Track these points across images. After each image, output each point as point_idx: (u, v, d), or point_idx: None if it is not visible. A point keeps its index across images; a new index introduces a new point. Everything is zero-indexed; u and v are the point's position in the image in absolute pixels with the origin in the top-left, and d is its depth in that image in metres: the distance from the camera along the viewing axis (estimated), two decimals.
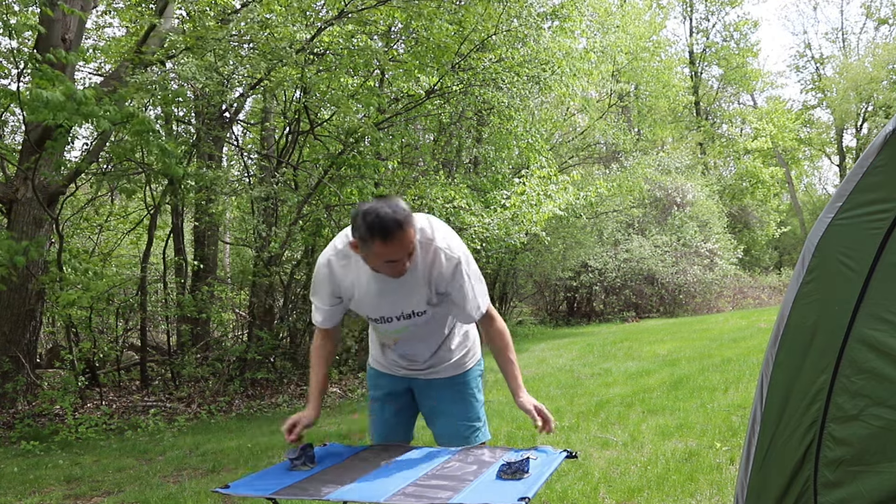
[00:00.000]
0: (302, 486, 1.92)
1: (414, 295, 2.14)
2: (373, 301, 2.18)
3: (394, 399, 2.47)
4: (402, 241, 1.91)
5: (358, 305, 2.22)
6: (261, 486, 1.96)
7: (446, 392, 2.40)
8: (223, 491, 1.93)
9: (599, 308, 17.03)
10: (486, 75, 7.72)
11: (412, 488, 1.84)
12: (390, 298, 2.16)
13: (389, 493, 1.79)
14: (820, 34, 54.30)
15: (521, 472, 1.91)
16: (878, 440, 2.02)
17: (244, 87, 8.00)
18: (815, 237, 2.13)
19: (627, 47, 16.18)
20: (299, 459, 2.11)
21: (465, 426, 2.42)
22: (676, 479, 3.56)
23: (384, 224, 1.87)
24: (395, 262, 1.97)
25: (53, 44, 6.36)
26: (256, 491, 1.94)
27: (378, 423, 2.51)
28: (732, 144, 25.27)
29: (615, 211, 15.98)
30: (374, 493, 1.82)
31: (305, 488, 1.89)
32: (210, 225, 9.13)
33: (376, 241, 1.90)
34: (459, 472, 1.98)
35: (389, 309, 2.19)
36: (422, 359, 2.35)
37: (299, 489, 1.90)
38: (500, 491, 1.80)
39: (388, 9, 7.60)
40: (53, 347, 8.75)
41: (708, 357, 7.88)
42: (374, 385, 2.52)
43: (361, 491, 1.85)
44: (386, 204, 1.91)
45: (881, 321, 2.01)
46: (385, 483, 1.90)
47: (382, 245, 1.90)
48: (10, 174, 7.23)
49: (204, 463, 4.71)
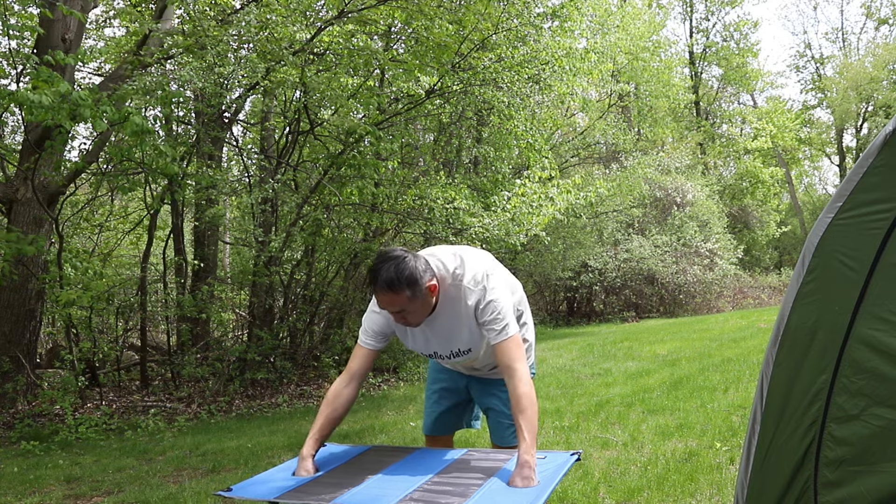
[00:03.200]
0: (305, 489, 1.90)
1: (461, 333, 2.26)
2: (420, 340, 2.34)
3: (449, 395, 2.63)
4: (391, 299, 2.07)
5: (410, 343, 2.38)
6: (263, 489, 1.94)
7: (499, 390, 2.48)
8: (226, 494, 1.91)
9: (599, 308, 17.03)
10: (486, 75, 7.71)
11: (419, 493, 1.81)
12: (438, 339, 2.31)
13: (396, 499, 1.77)
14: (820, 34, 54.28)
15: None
16: (878, 440, 2.02)
17: (243, 88, 8.00)
18: (815, 237, 2.13)
19: (627, 47, 16.18)
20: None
21: (509, 425, 2.47)
22: (676, 479, 3.56)
23: (376, 280, 2.07)
24: (394, 314, 2.14)
25: (53, 44, 6.36)
26: (259, 495, 1.92)
27: (430, 415, 2.66)
28: (732, 144, 25.26)
29: (615, 211, 15.98)
30: (380, 498, 1.79)
31: (309, 492, 1.87)
32: (210, 225, 9.13)
33: (374, 292, 2.12)
34: (467, 476, 1.95)
35: (440, 347, 2.34)
36: (480, 365, 2.47)
37: (303, 493, 1.87)
38: (511, 497, 1.77)
39: (388, 8, 7.60)
40: (53, 347, 8.75)
41: (708, 357, 7.88)
42: (434, 378, 2.67)
43: (367, 495, 1.82)
44: (394, 262, 2.06)
45: (881, 321, 2.01)
46: (391, 486, 1.87)
47: (378, 296, 2.11)
48: (10, 174, 7.23)
49: (204, 463, 4.71)
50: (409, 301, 2.09)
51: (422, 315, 2.18)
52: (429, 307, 2.17)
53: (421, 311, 2.15)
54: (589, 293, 16.67)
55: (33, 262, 6.50)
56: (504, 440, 2.54)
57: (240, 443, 5.26)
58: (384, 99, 7.95)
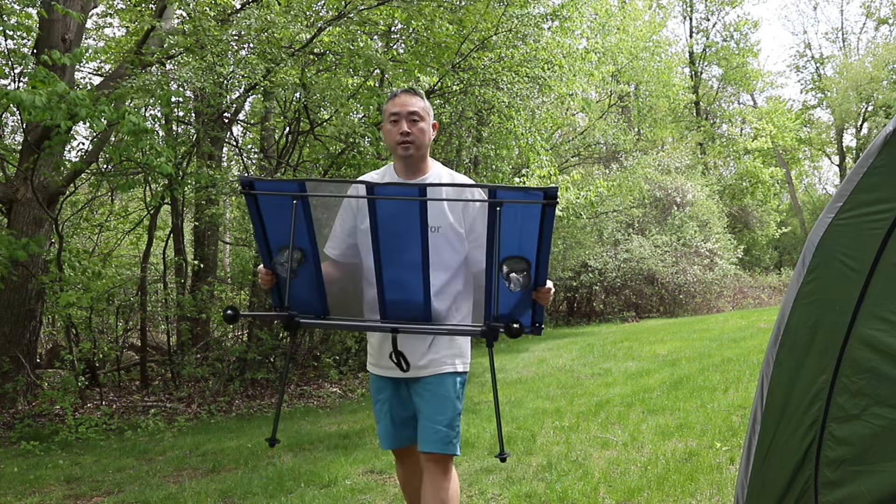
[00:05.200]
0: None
1: (442, 210, 2.25)
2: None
3: (396, 405, 2.44)
4: (412, 99, 2.28)
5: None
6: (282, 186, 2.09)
7: (425, 389, 2.31)
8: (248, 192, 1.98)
9: (599, 308, 17.03)
10: (487, 75, 7.71)
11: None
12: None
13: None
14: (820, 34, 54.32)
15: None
16: (879, 440, 2.02)
17: (243, 88, 8.00)
18: (815, 237, 2.13)
19: (628, 48, 16.17)
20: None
21: (429, 426, 2.29)
22: (676, 479, 3.56)
23: (397, 91, 2.34)
24: (397, 118, 2.26)
25: (53, 44, 6.36)
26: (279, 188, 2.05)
27: (384, 430, 2.47)
28: (732, 144, 25.26)
29: (615, 211, 15.97)
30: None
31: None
32: (210, 225, 9.13)
33: (388, 101, 2.32)
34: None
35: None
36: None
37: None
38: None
39: (388, 8, 7.60)
40: (53, 347, 8.74)
41: (708, 357, 7.88)
42: (376, 398, 2.49)
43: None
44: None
45: (882, 321, 2.01)
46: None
47: (398, 99, 2.29)
48: (10, 174, 7.23)
49: (204, 463, 4.71)
50: (424, 112, 2.29)
51: (425, 138, 2.29)
52: (429, 138, 2.32)
53: (427, 132, 2.30)
54: (589, 293, 16.67)
55: (33, 262, 6.50)
56: (427, 445, 2.28)
57: (240, 443, 5.26)
58: (384, 99, 7.94)
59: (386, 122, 2.32)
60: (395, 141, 2.27)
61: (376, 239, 2.01)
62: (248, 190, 1.98)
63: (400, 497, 3.57)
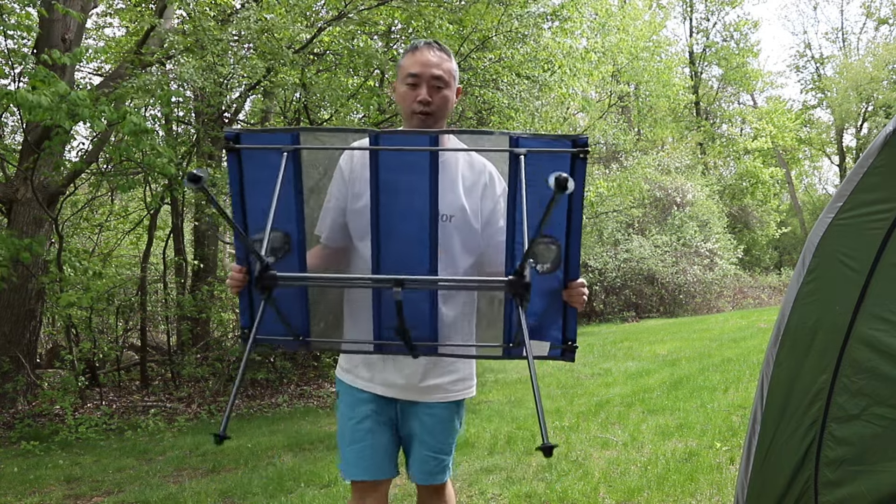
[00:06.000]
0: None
1: (457, 191, 1.84)
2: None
3: (381, 425, 1.96)
4: (438, 58, 1.86)
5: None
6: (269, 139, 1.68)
7: (425, 413, 1.95)
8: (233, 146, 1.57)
9: (599, 308, 17.02)
10: (487, 75, 7.71)
11: None
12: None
13: None
14: (820, 34, 54.29)
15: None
16: (879, 440, 2.02)
17: (243, 88, 8.00)
18: (815, 237, 2.13)
19: (628, 48, 16.17)
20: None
21: (432, 458, 1.98)
22: (676, 479, 3.56)
23: (419, 43, 1.89)
24: (416, 81, 1.84)
25: (53, 44, 6.36)
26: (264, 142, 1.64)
27: (359, 450, 1.98)
28: (732, 144, 25.28)
29: (615, 211, 15.98)
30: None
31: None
32: (210, 225, 9.13)
33: (406, 55, 1.88)
34: None
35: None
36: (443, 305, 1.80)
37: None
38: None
39: (388, 8, 7.60)
40: (53, 347, 8.74)
41: (708, 357, 7.88)
42: (355, 403, 1.97)
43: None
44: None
45: (882, 321, 2.01)
46: None
47: (420, 55, 1.86)
48: (10, 174, 7.23)
49: (204, 463, 4.71)
50: (449, 76, 1.87)
51: (447, 108, 1.89)
52: (452, 107, 1.92)
53: (450, 101, 1.89)
54: (589, 293, 16.66)
55: (33, 262, 6.49)
56: (427, 477, 1.98)
57: (240, 443, 5.25)
58: (384, 99, 7.95)
59: (401, 82, 1.89)
60: (410, 109, 1.86)
61: (376, 212, 1.59)
62: (231, 144, 1.56)
63: (401, 497, 3.57)
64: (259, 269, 1.38)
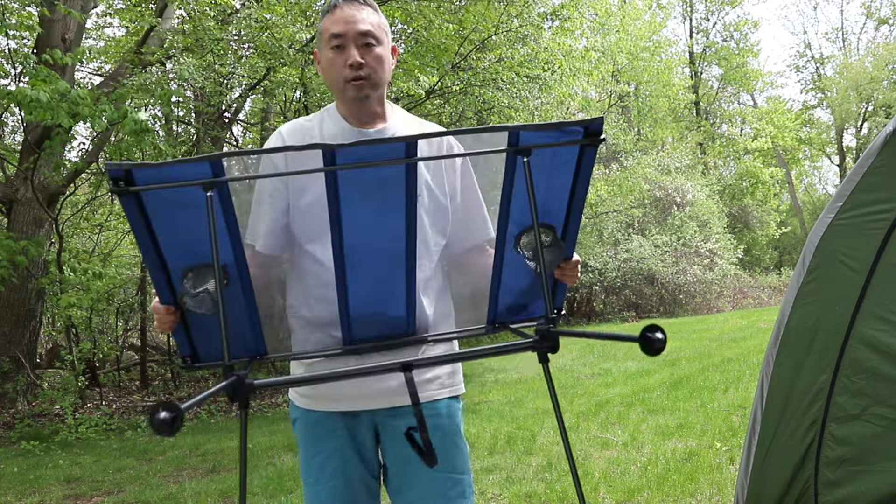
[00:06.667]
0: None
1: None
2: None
3: (351, 456, 1.58)
4: (361, 13, 1.55)
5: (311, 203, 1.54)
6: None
7: (427, 475, 1.54)
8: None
9: (599, 308, 17.02)
10: (486, 75, 7.71)
11: None
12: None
13: None
14: (820, 34, 54.27)
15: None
16: (879, 439, 2.02)
17: (243, 88, 8.00)
18: (815, 237, 2.13)
19: (628, 48, 16.18)
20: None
21: (461, 481, 1.60)
22: (676, 479, 3.56)
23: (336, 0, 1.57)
24: (342, 42, 1.53)
25: (53, 44, 6.36)
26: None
27: (330, 490, 1.59)
28: (732, 144, 25.27)
29: (615, 211, 15.98)
30: None
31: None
32: None
33: (325, 16, 1.59)
34: None
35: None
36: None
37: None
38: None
39: (387, 9, 7.59)
40: (53, 347, 8.75)
41: (708, 357, 7.88)
42: (317, 449, 1.60)
43: None
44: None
45: (882, 321, 2.01)
46: None
47: (339, 12, 1.56)
48: (10, 174, 7.23)
49: (204, 463, 4.71)
50: (380, 31, 1.56)
51: (384, 70, 1.57)
52: (390, 70, 1.59)
53: (386, 62, 1.57)
54: (589, 293, 16.66)
55: (33, 262, 6.50)
56: (441, 500, 1.56)
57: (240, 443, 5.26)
58: None
59: (324, 47, 1.57)
60: (341, 77, 1.53)
61: (338, 221, 1.27)
62: (122, 187, 1.08)
63: None
64: (233, 383, 1.13)
